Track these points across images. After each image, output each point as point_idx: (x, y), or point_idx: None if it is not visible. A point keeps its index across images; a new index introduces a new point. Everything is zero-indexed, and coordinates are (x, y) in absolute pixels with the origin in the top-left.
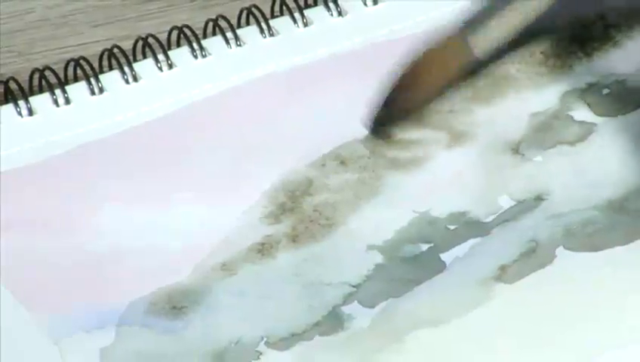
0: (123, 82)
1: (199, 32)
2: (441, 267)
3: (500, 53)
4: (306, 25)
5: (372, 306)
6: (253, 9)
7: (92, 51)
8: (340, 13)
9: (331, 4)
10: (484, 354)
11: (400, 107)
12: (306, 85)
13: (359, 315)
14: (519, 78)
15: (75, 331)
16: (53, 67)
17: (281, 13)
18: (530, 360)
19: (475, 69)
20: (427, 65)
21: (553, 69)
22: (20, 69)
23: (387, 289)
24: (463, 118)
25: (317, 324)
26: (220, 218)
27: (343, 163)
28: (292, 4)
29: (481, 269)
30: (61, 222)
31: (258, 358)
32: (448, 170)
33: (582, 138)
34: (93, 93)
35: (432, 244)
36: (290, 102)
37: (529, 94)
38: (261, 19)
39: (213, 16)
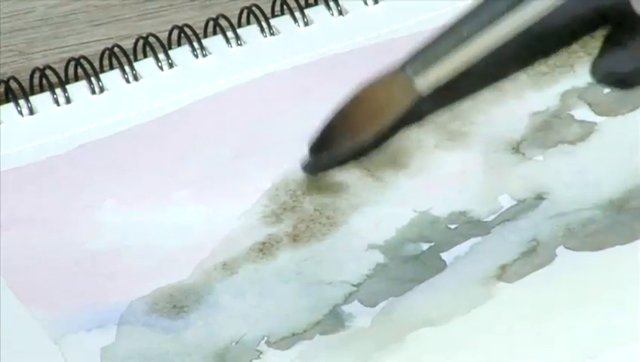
0: (124, 81)
1: (200, 32)
2: (441, 266)
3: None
4: (306, 24)
5: (373, 305)
6: (253, 8)
7: (93, 50)
8: (340, 13)
9: (332, 4)
10: (485, 354)
11: (336, 148)
12: (306, 84)
13: (360, 314)
14: (519, 76)
15: (76, 330)
16: (54, 66)
17: (282, 13)
18: (530, 359)
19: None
20: (366, 102)
21: (554, 68)
22: (21, 68)
23: (388, 288)
24: (464, 117)
25: (318, 323)
26: (220, 217)
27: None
28: (293, 4)
29: (481, 268)
30: (62, 221)
31: (259, 357)
32: (449, 169)
33: (582, 137)
34: (93, 92)
35: (432, 243)
36: (291, 102)
37: (529, 93)
38: (262, 19)
39: (214, 16)
